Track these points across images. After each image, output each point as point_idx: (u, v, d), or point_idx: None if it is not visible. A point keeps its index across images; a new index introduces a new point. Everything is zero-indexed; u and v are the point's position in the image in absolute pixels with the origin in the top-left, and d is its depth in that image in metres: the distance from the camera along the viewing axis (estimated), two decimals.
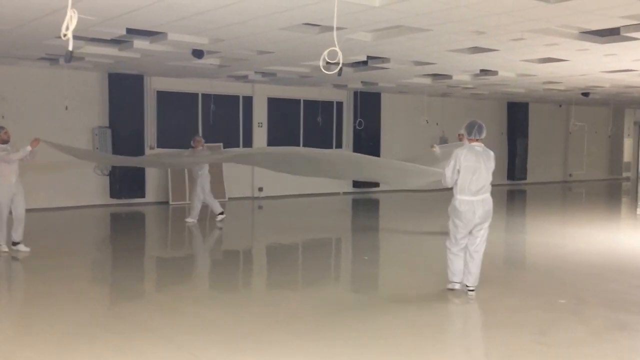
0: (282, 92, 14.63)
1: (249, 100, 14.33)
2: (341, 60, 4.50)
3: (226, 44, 8.35)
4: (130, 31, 7.73)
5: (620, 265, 7.68)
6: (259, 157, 9.31)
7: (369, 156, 7.78)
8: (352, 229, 11.44)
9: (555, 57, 9.28)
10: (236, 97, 14.14)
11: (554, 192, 18.07)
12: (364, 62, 10.36)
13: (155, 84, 12.98)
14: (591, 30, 7.31)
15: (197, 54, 8.92)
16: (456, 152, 5.91)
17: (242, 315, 5.46)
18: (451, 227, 6.04)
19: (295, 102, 15.02)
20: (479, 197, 5.87)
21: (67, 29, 3.67)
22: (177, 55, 9.34)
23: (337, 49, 4.43)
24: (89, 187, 12.33)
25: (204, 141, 10.69)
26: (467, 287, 6.11)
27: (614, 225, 12.03)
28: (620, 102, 19.03)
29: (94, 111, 12.27)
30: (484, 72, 11.38)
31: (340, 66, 4.60)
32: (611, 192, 19.15)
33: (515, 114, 19.02)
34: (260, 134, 14.48)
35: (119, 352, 4.44)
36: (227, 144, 13.76)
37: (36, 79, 11.53)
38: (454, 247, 6.08)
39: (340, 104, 15.84)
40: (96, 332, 4.92)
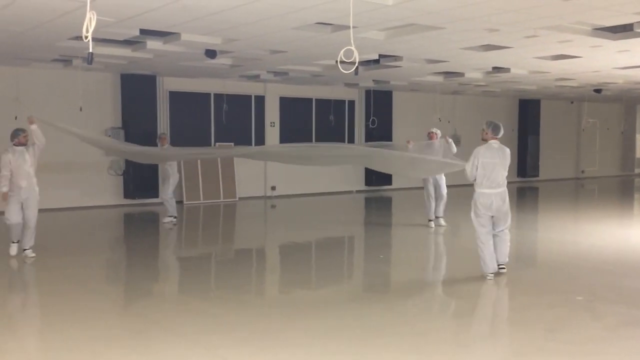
0: (294, 92, 14.68)
1: (261, 99, 14.39)
2: (357, 59, 4.54)
3: (239, 43, 8.40)
4: (143, 32, 7.80)
5: (634, 261, 7.65)
6: (270, 153, 9.46)
7: (379, 149, 8.11)
8: (366, 227, 11.46)
9: (568, 53, 9.25)
10: (248, 97, 14.20)
11: (567, 189, 17.99)
12: (376, 61, 10.38)
13: (167, 85, 13.06)
14: (604, 26, 7.30)
15: (210, 54, 8.98)
16: (476, 150, 6.55)
17: (259, 313, 5.51)
18: (473, 217, 6.60)
19: (307, 101, 15.05)
20: (496, 190, 6.46)
21: (87, 31, 3.73)
22: (190, 55, 9.40)
23: (353, 48, 4.47)
24: (103, 188, 12.44)
25: (169, 139, 10.82)
26: (499, 264, 6.63)
27: (627, 221, 11.97)
28: (632, 99, 18.91)
29: (107, 112, 12.37)
30: (497, 69, 11.37)
31: (356, 65, 4.64)
32: (624, 189, 19.03)
33: (527, 111, 18.97)
34: (272, 133, 14.53)
35: (137, 351, 4.48)
36: (239, 144, 13.81)
37: (50, 80, 11.64)
38: (481, 235, 6.56)
39: (352, 103, 15.86)
40: (114, 331, 4.96)
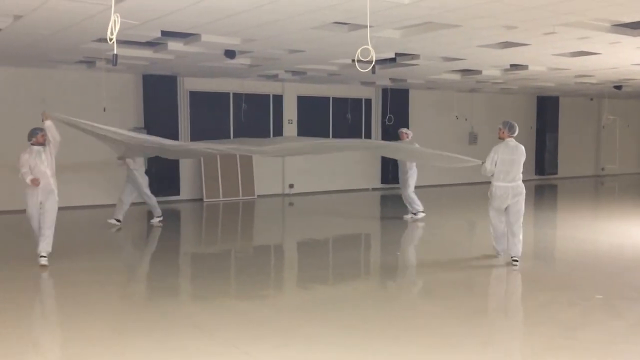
0: (311, 90, 14.79)
1: (279, 98, 14.52)
2: (374, 57, 4.62)
3: (257, 43, 8.51)
4: (164, 33, 7.95)
5: None
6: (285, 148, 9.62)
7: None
8: (382, 224, 11.53)
9: (587, 50, 9.21)
10: (267, 96, 14.34)
11: (586, 187, 17.85)
12: (393, 59, 10.43)
13: (188, 85, 13.25)
14: (624, 22, 7.27)
15: (229, 54, 9.11)
16: (495, 148, 7.22)
17: (279, 309, 5.62)
18: (490, 208, 7.34)
19: (324, 99, 15.15)
20: (511, 183, 7.13)
21: (112, 33, 3.85)
22: (210, 56, 9.54)
23: (369, 47, 4.55)
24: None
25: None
26: (512, 258, 7.19)
27: None
28: None
29: (130, 112, 12.58)
30: (514, 66, 11.33)
31: (373, 64, 4.71)
32: None
33: (545, 108, 18.83)
34: (290, 132, 14.64)
35: (160, 346, 4.59)
36: None
37: (74, 82, 11.88)
38: (493, 219, 7.40)
39: (368, 101, 15.92)
40: (138, 326, 5.07)
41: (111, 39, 3.81)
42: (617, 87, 15.30)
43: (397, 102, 15.85)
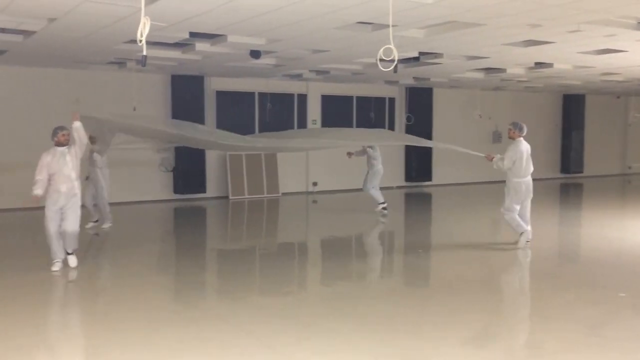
0: (335, 90, 14.90)
1: (303, 98, 14.66)
2: (396, 57, 4.70)
3: (282, 43, 8.65)
4: (192, 35, 8.14)
5: None
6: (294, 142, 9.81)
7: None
8: (406, 222, 11.58)
9: (613, 47, 9.15)
10: (291, 95, 14.49)
11: (612, 185, 17.61)
12: (416, 58, 10.48)
13: (214, 84, 13.48)
14: None
15: (255, 54, 9.27)
16: (513, 146, 7.96)
17: (302, 304, 5.75)
18: (508, 200, 8.02)
19: (348, 99, 15.25)
20: (527, 178, 7.98)
21: (142, 35, 4.00)
22: (236, 56, 9.72)
23: (392, 46, 4.64)
24: (154, 183, 12.97)
25: None
26: (527, 241, 8.01)
27: None
28: None
29: (159, 111, 12.84)
30: (539, 64, 11.28)
31: (395, 63, 4.80)
32: None
33: (571, 106, 18.63)
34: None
35: (187, 338, 4.74)
36: None
37: (105, 82, 12.19)
38: (514, 212, 8.03)
39: (392, 100, 15.97)
40: (167, 318, 5.25)
41: (140, 41, 3.95)
42: None
43: (420, 101, 15.88)
